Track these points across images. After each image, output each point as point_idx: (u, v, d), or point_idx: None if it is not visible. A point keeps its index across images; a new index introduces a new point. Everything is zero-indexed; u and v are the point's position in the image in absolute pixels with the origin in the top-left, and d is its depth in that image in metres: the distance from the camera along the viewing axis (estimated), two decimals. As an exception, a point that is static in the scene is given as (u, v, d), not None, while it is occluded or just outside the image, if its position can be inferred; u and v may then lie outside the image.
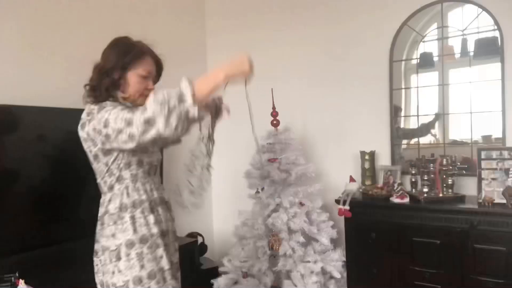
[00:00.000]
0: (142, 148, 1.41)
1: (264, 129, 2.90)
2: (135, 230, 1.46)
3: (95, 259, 1.56)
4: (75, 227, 2.35)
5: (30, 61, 2.35)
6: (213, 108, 1.57)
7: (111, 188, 1.50)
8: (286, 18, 3.26)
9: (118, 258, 1.46)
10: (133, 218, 1.48)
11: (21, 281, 1.79)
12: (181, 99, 1.23)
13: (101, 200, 1.56)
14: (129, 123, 1.28)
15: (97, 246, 1.56)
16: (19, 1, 2.32)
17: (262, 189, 2.79)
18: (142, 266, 1.45)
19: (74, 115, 2.34)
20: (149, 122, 1.24)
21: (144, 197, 1.50)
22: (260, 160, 1.67)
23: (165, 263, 1.51)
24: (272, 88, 2.89)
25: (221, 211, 3.56)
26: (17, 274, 1.86)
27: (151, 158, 1.55)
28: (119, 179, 1.48)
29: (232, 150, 3.35)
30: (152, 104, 1.23)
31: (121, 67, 1.47)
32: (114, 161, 1.45)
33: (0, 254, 1.98)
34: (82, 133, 1.47)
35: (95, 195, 1.88)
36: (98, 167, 1.50)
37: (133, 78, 1.49)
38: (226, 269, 2.90)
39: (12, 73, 2.25)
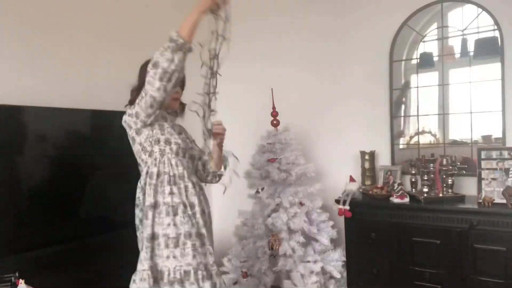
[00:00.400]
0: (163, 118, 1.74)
1: (264, 129, 2.90)
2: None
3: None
4: (76, 227, 2.35)
5: (30, 61, 2.35)
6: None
7: (145, 163, 1.73)
8: (286, 19, 3.26)
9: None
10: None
11: (21, 281, 1.79)
12: (170, 39, 1.57)
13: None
14: (145, 89, 1.61)
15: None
16: (20, 1, 2.32)
17: (262, 189, 2.79)
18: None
19: (74, 115, 2.35)
20: (155, 65, 1.56)
21: (167, 169, 1.70)
22: (206, 146, 1.75)
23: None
24: (272, 88, 2.89)
25: (221, 211, 3.56)
26: (17, 274, 1.86)
27: (178, 140, 1.76)
28: (150, 154, 1.72)
29: (232, 149, 3.34)
30: (155, 55, 1.57)
31: None
32: (146, 139, 1.71)
33: (0, 254, 1.98)
34: (123, 125, 1.75)
35: (96, 195, 1.88)
36: (135, 148, 1.75)
37: None
38: (226, 269, 2.90)
39: (12, 73, 2.25)
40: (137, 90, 1.74)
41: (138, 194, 1.75)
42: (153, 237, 1.67)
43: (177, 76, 1.59)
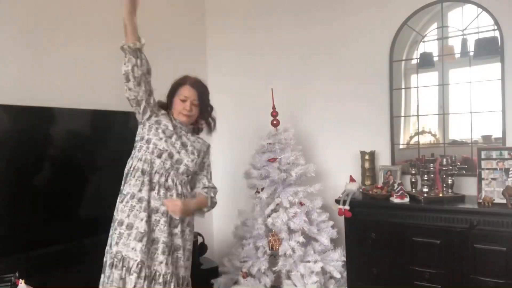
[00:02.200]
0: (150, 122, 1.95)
1: (264, 129, 2.90)
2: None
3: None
4: (76, 227, 2.35)
5: (30, 61, 2.35)
6: None
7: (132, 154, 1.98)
8: (286, 18, 3.26)
9: None
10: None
11: (21, 281, 1.79)
12: (120, 49, 1.80)
13: None
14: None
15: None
16: (20, 1, 2.32)
17: (262, 189, 2.79)
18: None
19: (74, 115, 2.35)
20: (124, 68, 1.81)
21: (138, 164, 1.89)
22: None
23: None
24: (272, 88, 2.89)
25: (221, 211, 3.55)
26: (17, 274, 1.86)
27: (158, 142, 1.91)
28: (136, 148, 1.96)
29: (232, 149, 3.35)
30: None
31: (171, 93, 2.03)
32: (137, 134, 1.98)
33: (0, 254, 1.98)
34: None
35: (96, 195, 1.88)
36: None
37: (176, 101, 2.01)
38: (226, 269, 2.90)
39: (12, 73, 2.25)
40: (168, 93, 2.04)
41: None
42: (114, 221, 1.88)
43: (138, 73, 1.79)
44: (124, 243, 1.79)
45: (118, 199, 1.90)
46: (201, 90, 2.02)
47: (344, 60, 3.03)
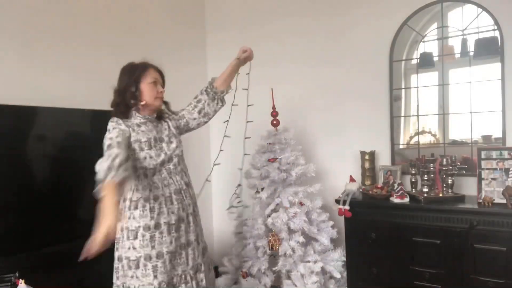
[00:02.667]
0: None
1: (264, 129, 2.90)
2: None
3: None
4: (76, 227, 2.35)
5: (31, 61, 2.35)
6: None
7: None
8: (286, 18, 3.26)
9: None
10: None
11: (21, 281, 1.79)
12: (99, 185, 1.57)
13: None
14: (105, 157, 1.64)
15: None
16: (20, 1, 2.32)
17: (262, 189, 2.79)
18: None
19: (74, 115, 2.35)
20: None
21: None
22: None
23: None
24: (272, 88, 2.89)
25: (221, 211, 3.56)
26: (17, 274, 1.86)
27: (151, 160, 1.83)
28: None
29: (232, 149, 3.35)
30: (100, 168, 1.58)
31: (134, 82, 1.82)
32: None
33: (0, 254, 1.98)
34: None
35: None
36: None
37: (145, 87, 1.84)
38: (226, 269, 2.90)
39: (12, 74, 2.25)
40: (117, 93, 1.85)
41: None
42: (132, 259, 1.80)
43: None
44: (162, 272, 1.77)
45: (124, 237, 1.79)
46: (161, 70, 1.94)
47: (344, 60, 3.03)
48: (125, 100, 1.83)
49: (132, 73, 1.84)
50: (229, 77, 2.12)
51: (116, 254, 1.82)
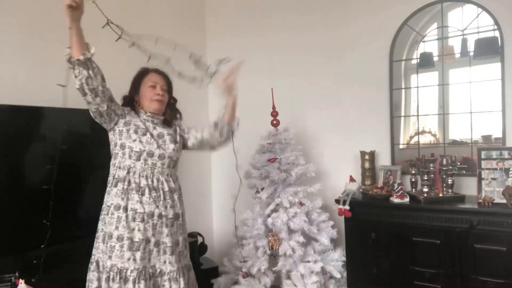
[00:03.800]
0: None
1: (264, 129, 2.90)
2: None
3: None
4: (75, 227, 2.35)
5: (30, 61, 2.35)
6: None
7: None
8: (286, 18, 3.26)
9: None
10: None
11: (21, 281, 1.79)
12: (69, 61, 1.77)
13: None
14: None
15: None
16: (21, 1, 2.32)
17: (262, 189, 2.79)
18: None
19: (74, 115, 2.35)
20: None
21: (116, 172, 1.86)
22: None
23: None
24: (272, 88, 2.89)
25: (221, 211, 3.56)
26: (17, 274, 1.86)
27: (133, 144, 1.84)
28: (113, 156, 1.93)
29: (232, 149, 3.34)
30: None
31: (136, 88, 1.93)
32: (110, 142, 1.91)
33: (0, 254, 1.98)
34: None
35: (95, 195, 1.88)
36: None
37: (144, 90, 1.91)
38: (226, 269, 2.90)
39: (12, 73, 2.25)
40: (124, 97, 1.94)
41: None
42: (100, 233, 1.81)
43: (93, 85, 1.70)
44: (117, 255, 1.73)
45: (103, 211, 1.82)
46: (166, 75, 1.96)
47: (344, 60, 3.03)
48: (129, 103, 1.93)
49: (137, 77, 1.95)
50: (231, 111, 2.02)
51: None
